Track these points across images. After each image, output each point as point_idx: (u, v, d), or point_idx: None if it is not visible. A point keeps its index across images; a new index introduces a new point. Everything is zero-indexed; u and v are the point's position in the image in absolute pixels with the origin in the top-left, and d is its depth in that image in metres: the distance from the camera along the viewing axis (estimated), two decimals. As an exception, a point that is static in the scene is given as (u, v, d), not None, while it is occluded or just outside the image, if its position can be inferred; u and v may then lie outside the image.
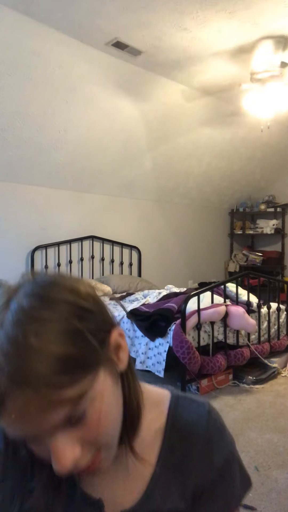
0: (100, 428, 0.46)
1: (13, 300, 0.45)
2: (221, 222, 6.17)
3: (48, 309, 0.44)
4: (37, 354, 0.40)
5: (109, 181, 4.53)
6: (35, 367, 0.40)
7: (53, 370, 0.40)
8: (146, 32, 2.84)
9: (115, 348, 0.50)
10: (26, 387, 0.40)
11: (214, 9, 2.58)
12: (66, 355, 0.41)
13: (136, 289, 4.30)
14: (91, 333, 0.45)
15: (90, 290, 0.50)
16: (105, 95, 3.52)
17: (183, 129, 4.34)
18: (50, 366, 0.40)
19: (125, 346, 0.52)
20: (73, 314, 0.44)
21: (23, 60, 2.90)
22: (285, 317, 3.61)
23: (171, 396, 0.61)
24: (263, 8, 2.59)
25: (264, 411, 2.63)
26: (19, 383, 0.40)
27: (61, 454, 0.43)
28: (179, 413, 0.59)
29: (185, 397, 0.62)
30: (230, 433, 0.63)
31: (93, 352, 0.45)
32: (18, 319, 0.42)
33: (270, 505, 1.71)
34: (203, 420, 0.59)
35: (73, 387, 0.42)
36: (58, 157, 3.89)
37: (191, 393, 2.88)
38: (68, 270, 4.35)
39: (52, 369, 0.40)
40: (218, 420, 0.62)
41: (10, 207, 3.90)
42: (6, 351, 0.41)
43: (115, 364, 0.50)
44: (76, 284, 0.49)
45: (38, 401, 0.40)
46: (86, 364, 0.44)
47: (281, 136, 5.08)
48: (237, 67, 3.36)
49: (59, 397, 0.41)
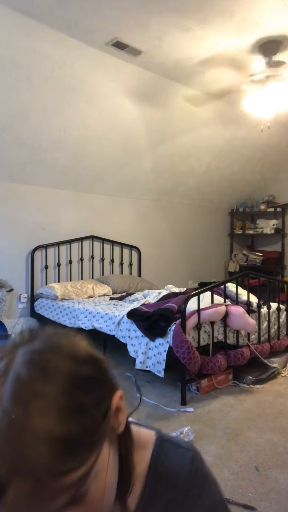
0: (103, 502, 0.44)
1: (11, 369, 0.42)
2: (221, 222, 6.17)
3: (49, 382, 0.41)
4: (40, 438, 0.37)
5: (109, 181, 4.54)
6: (40, 454, 0.37)
7: (58, 456, 0.38)
8: (146, 32, 2.84)
9: (115, 412, 0.48)
10: (29, 477, 0.37)
11: (214, 9, 2.58)
12: (70, 436, 0.39)
13: (136, 289, 4.30)
14: (95, 405, 0.43)
15: (89, 349, 0.48)
16: (105, 95, 3.52)
17: (183, 129, 4.34)
18: (55, 451, 0.38)
19: (125, 408, 0.50)
20: (75, 386, 0.42)
21: (23, 60, 2.90)
22: (285, 317, 3.61)
23: (156, 439, 0.60)
24: (263, 8, 2.59)
25: (264, 411, 2.63)
26: (22, 473, 0.37)
27: None
28: (162, 460, 0.58)
29: (169, 440, 0.60)
30: (214, 477, 0.61)
31: (97, 428, 0.42)
32: (18, 395, 0.39)
33: (270, 505, 1.71)
34: (185, 470, 0.58)
35: (78, 470, 0.39)
36: (58, 157, 3.89)
37: (193, 393, 2.88)
38: (68, 270, 4.35)
39: (56, 454, 0.38)
40: (201, 468, 0.60)
41: (10, 207, 3.91)
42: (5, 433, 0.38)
43: (115, 430, 0.48)
44: (75, 347, 0.46)
45: (42, 491, 0.38)
46: (91, 442, 0.41)
47: (281, 136, 5.09)
48: (237, 67, 3.36)
49: (64, 484, 0.38)
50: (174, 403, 2.73)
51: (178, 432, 2.21)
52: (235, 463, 2.01)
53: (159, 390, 2.93)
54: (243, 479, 1.87)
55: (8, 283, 3.77)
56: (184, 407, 2.67)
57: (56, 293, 3.76)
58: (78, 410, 0.41)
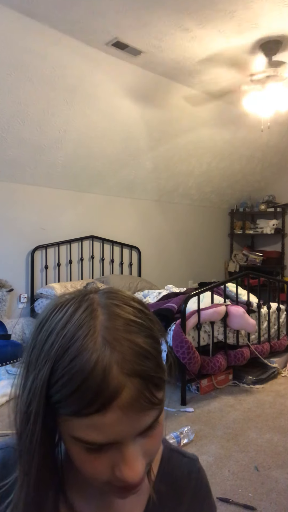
0: (159, 443, 0.48)
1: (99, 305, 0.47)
2: (221, 222, 6.17)
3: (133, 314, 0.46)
4: (142, 350, 0.43)
5: (109, 181, 4.54)
6: (145, 362, 0.43)
7: (155, 369, 0.44)
8: (146, 32, 2.84)
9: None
10: (139, 381, 0.42)
11: (214, 9, 2.58)
12: (158, 358, 0.45)
13: (136, 289, 4.30)
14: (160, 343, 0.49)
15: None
16: (105, 95, 3.52)
17: (183, 129, 4.34)
18: (153, 362, 0.44)
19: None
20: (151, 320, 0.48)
21: (23, 60, 2.90)
22: (285, 317, 3.61)
23: (164, 448, 0.62)
24: (263, 8, 2.59)
25: (264, 411, 2.63)
26: (134, 376, 0.42)
27: (135, 462, 0.44)
28: (171, 467, 0.61)
29: (177, 450, 0.64)
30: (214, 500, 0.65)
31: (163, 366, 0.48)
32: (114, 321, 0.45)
33: (270, 505, 1.71)
34: (194, 476, 0.61)
35: (161, 390, 0.45)
36: (58, 157, 3.89)
37: (193, 393, 2.88)
38: (68, 270, 4.36)
39: (155, 366, 0.44)
40: (206, 481, 0.64)
41: (10, 207, 3.90)
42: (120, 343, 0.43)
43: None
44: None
45: (145, 397, 0.43)
46: (165, 372, 0.47)
47: (281, 136, 5.09)
48: (237, 67, 3.36)
49: (157, 397, 0.44)
50: (174, 403, 2.73)
51: (178, 432, 2.21)
52: (235, 463, 2.01)
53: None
54: (243, 479, 1.87)
55: (8, 283, 3.76)
56: (184, 407, 2.67)
57: (56, 293, 3.76)
58: (156, 341, 0.46)
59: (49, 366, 0.43)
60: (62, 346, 0.43)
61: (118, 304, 0.46)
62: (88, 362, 0.41)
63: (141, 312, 0.47)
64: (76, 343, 0.43)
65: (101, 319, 0.44)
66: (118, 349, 0.42)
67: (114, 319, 0.45)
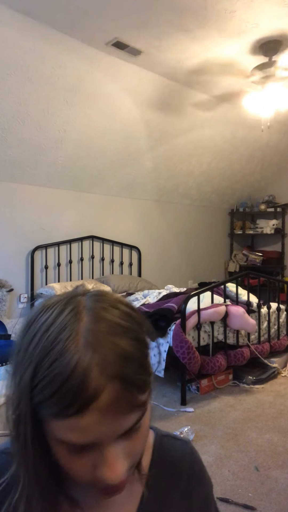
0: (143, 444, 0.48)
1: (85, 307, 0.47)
2: (221, 222, 6.17)
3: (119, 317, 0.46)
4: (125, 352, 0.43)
5: (109, 181, 4.54)
6: (127, 365, 0.43)
7: (137, 372, 0.44)
8: (146, 32, 2.84)
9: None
10: (120, 383, 0.42)
11: (214, 9, 2.58)
12: (142, 360, 0.45)
13: (136, 289, 4.30)
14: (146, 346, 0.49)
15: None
16: (105, 95, 3.52)
17: (183, 129, 4.34)
18: (136, 365, 0.44)
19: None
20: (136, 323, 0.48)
21: (23, 60, 2.90)
22: (285, 317, 3.61)
23: (155, 435, 0.63)
24: (263, 8, 2.59)
25: (264, 411, 2.63)
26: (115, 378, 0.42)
27: (115, 464, 0.44)
28: (164, 451, 0.61)
29: (168, 435, 0.64)
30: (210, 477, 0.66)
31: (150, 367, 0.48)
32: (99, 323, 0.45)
33: (270, 505, 1.71)
34: (187, 458, 0.62)
35: (145, 392, 0.45)
36: (58, 157, 3.89)
37: (193, 393, 2.88)
38: (68, 270, 4.35)
39: (138, 368, 0.44)
40: (200, 460, 0.64)
41: (10, 207, 3.90)
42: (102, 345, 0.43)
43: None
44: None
45: (126, 400, 0.43)
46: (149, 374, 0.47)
47: (281, 136, 5.09)
48: (236, 67, 3.36)
49: (139, 400, 0.44)
50: (174, 403, 2.73)
51: (178, 432, 2.22)
52: (235, 463, 2.01)
53: (159, 390, 2.93)
54: (243, 479, 1.87)
55: (8, 283, 3.76)
56: (184, 407, 2.67)
57: (56, 293, 3.73)
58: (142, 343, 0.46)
59: (32, 368, 0.43)
60: (44, 348, 0.43)
61: (104, 306, 0.46)
62: (68, 364, 0.41)
63: (128, 314, 0.47)
64: (58, 345, 0.43)
65: (85, 322, 0.44)
66: (100, 351, 0.42)
67: (99, 321, 0.45)
